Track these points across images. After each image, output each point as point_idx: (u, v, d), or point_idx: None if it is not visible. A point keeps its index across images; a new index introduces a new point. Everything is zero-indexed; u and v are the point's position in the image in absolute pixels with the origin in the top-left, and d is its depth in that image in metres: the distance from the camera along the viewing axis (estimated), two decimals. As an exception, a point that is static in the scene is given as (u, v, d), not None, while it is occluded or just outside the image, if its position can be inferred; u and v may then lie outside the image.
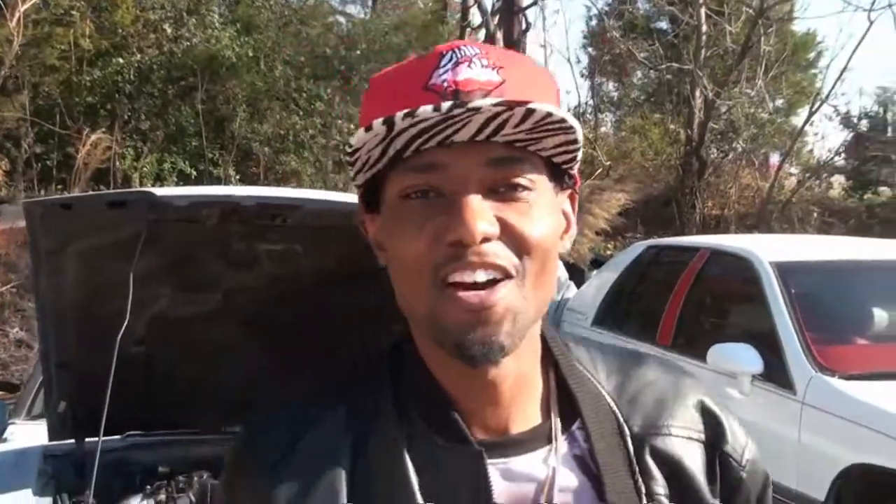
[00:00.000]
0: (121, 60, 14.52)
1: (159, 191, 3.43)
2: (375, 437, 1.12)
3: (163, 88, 14.69)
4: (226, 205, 3.49)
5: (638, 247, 7.60)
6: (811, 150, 19.40)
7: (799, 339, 5.13)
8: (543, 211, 1.08)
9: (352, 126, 15.17)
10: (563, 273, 8.43)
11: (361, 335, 3.88)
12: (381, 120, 1.01)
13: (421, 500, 1.07)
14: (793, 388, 4.99)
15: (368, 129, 1.02)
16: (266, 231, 3.61)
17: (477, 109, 1.00)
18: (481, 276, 1.04)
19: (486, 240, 1.03)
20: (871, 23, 14.78)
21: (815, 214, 15.26)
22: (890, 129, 19.27)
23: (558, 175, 1.13)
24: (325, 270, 3.65)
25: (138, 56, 14.74)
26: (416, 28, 18.24)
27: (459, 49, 1.08)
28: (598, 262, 10.26)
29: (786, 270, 5.57)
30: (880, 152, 18.06)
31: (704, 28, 15.21)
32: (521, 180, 1.07)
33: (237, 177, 14.23)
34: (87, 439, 3.99)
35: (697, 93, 15.16)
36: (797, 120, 19.81)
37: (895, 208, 15.70)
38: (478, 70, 1.06)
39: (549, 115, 1.02)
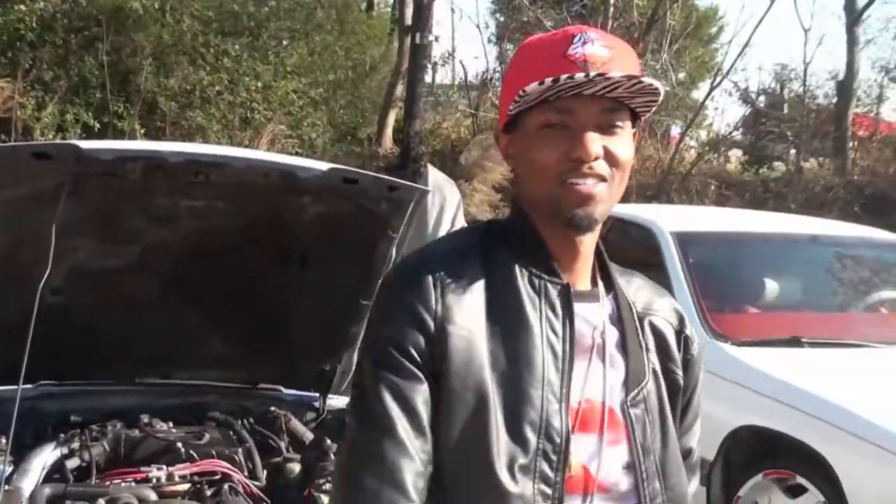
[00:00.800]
0: (23, 7, 14.21)
1: (84, 143, 3.46)
2: (502, 275, 1.60)
3: (66, 38, 14.44)
4: (151, 160, 3.54)
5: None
6: (711, 124, 19.89)
7: (695, 306, 5.34)
8: (627, 142, 1.61)
9: (259, 83, 15.10)
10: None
11: (274, 291, 4.01)
12: (551, 79, 1.50)
13: (530, 309, 1.58)
14: (688, 352, 5.21)
15: (541, 83, 1.50)
16: (189, 188, 3.66)
17: (608, 78, 1.51)
18: (591, 181, 1.57)
19: (595, 158, 1.56)
20: (773, 1, 15.19)
21: (713, 187, 15.68)
22: (786, 106, 19.80)
23: (635, 119, 1.63)
24: (243, 227, 3.73)
25: (41, 3, 14.43)
26: (325, -15, 18.14)
27: (585, 32, 1.58)
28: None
29: (685, 240, 5.78)
30: (776, 128, 18.61)
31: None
32: (618, 122, 1.58)
33: (142, 131, 14.08)
34: (0, 388, 4.03)
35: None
36: (699, 94, 20.28)
37: (788, 183, 16.21)
38: (598, 47, 1.56)
39: (646, 85, 1.53)
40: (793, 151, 18.59)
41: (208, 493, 3.82)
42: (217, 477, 3.84)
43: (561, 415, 1.55)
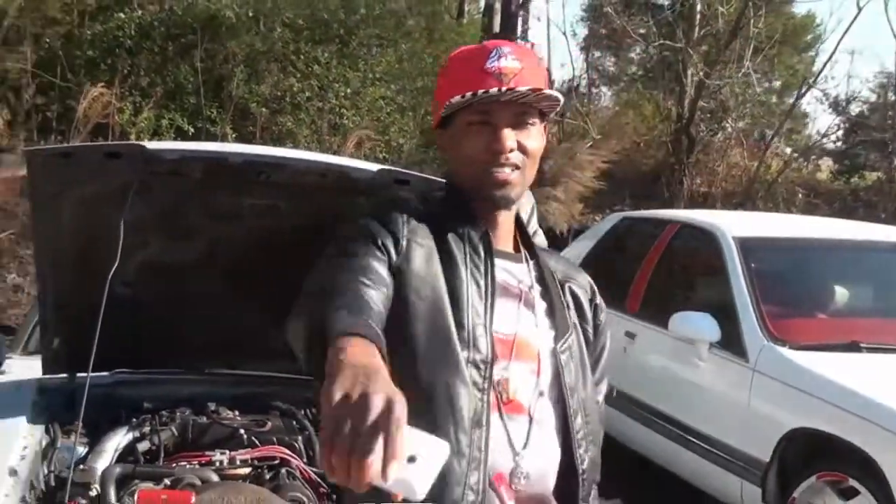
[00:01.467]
0: (122, 16, 14.67)
1: (151, 144, 3.68)
2: (440, 232, 1.95)
3: (163, 45, 14.84)
4: (212, 160, 3.74)
5: (613, 217, 7.88)
6: (806, 133, 19.61)
7: (754, 310, 5.42)
8: (536, 135, 1.97)
9: (348, 90, 15.36)
10: (542, 242, 8.69)
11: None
12: (471, 93, 1.87)
13: (458, 254, 1.92)
14: (745, 356, 5.28)
15: (463, 96, 1.87)
16: (250, 187, 3.86)
17: (517, 91, 1.88)
18: (507, 169, 1.93)
19: (511, 150, 1.92)
20: (860, 9, 14.99)
21: (801, 195, 15.52)
22: (885, 114, 19.41)
23: (544, 116, 1.99)
24: (302, 224, 3.91)
25: (139, 12, 14.89)
26: (415, -6, 18.37)
27: (500, 48, 1.94)
28: (579, 233, 10.52)
29: (748, 245, 5.85)
30: (870, 137, 18.32)
31: (699, 7, 15.42)
32: (529, 121, 1.95)
33: (234, 135, 14.43)
34: (78, 374, 4.28)
35: (690, 71, 15.38)
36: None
37: (879, 191, 15.96)
38: (510, 60, 1.92)
39: (547, 94, 1.90)
40: (888, 161, 18.23)
41: (267, 476, 4.02)
42: (276, 462, 4.04)
43: (486, 336, 1.88)
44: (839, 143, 19.07)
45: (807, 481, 4.78)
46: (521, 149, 1.93)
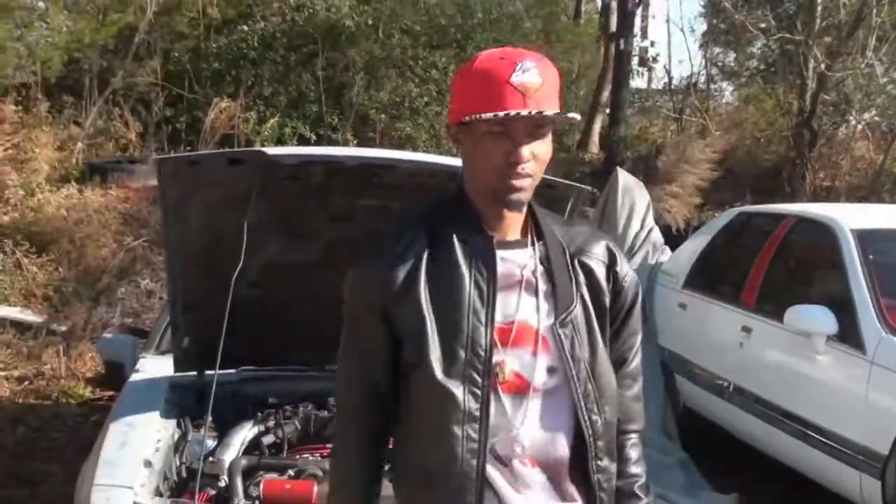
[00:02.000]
0: (245, 28, 15.09)
1: (271, 150, 3.89)
2: (441, 241, 2.15)
3: (285, 55, 15.22)
4: (329, 164, 3.93)
5: (730, 213, 7.85)
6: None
7: (872, 302, 5.37)
8: (548, 145, 2.13)
9: (466, 94, 15.51)
10: (658, 238, 8.72)
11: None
12: (494, 113, 2.02)
13: (462, 261, 2.12)
14: (863, 348, 5.24)
15: (488, 115, 2.02)
16: (364, 188, 4.04)
17: (540, 115, 2.05)
18: (521, 179, 2.08)
19: (527, 161, 2.08)
20: None
21: (929, 188, 15.12)
22: None
23: (554, 124, 2.14)
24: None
25: (262, 24, 15.30)
26: (531, -4, 18.45)
27: (524, 62, 2.05)
28: (697, 230, 10.48)
29: (866, 237, 5.80)
30: None
31: (819, -1, 15.18)
32: (544, 131, 2.11)
33: (355, 142, 14.72)
34: (206, 372, 4.51)
35: (811, 63, 15.12)
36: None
37: None
38: (533, 76, 2.05)
39: (569, 117, 2.12)
40: None
41: (386, 467, 4.18)
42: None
43: (485, 334, 2.09)
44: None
45: (927, 473, 4.74)
46: (536, 157, 2.10)
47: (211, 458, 4.04)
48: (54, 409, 7.81)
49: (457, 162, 4.29)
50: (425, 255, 2.14)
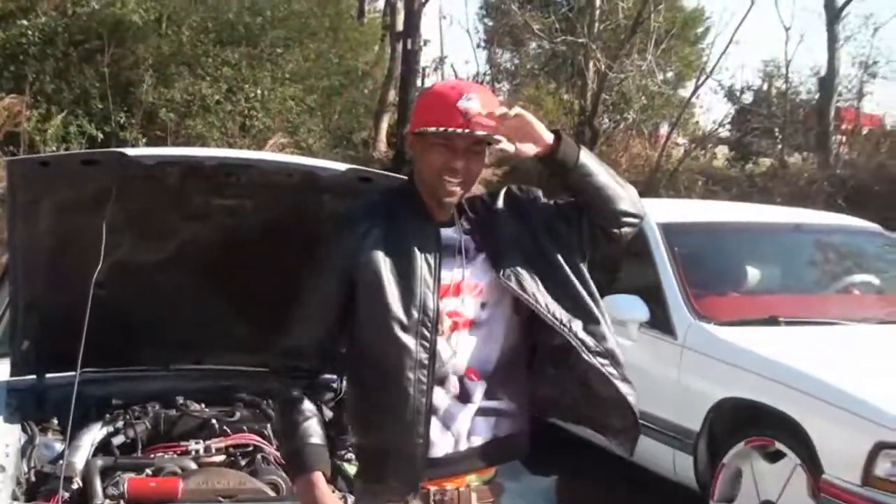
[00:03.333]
0: (25, 22, 14.58)
1: (130, 151, 3.87)
2: (398, 221, 2.58)
3: (66, 51, 14.80)
4: (187, 164, 3.94)
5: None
6: (697, 122, 20.15)
7: (680, 290, 5.73)
8: (481, 160, 2.59)
9: (258, 91, 15.46)
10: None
11: (297, 281, 4.40)
12: (441, 128, 2.48)
13: (413, 242, 2.54)
14: (674, 333, 5.60)
15: (437, 129, 2.49)
16: (221, 188, 4.06)
17: (476, 136, 2.49)
18: (454, 184, 2.54)
19: (460, 170, 2.52)
20: (753, 3, 15.60)
21: (700, 183, 16.06)
22: (773, 102, 20.10)
23: (487, 144, 2.56)
24: (268, 223, 4.12)
25: (43, 18, 14.80)
26: (317, -6, 18.49)
27: (470, 92, 2.51)
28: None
29: (671, 231, 6.16)
30: (761, 125, 19.02)
31: (598, 2, 15.87)
32: (477, 149, 2.56)
33: (144, 140, 14.45)
34: (47, 375, 4.43)
35: (591, 64, 15.82)
36: (685, 92, 20.61)
37: (772, 177, 16.60)
38: (476, 103, 2.49)
39: (497, 138, 2.51)
40: (778, 147, 18.96)
41: (242, 462, 4.22)
42: (250, 448, 4.25)
43: (433, 300, 2.53)
44: (732, 132, 19.72)
45: (735, 447, 5.08)
46: (466, 170, 2.55)
47: (61, 461, 3.99)
48: None
49: (313, 161, 4.40)
50: (385, 234, 2.56)
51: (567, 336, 2.61)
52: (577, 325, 2.63)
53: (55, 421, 4.23)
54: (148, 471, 3.97)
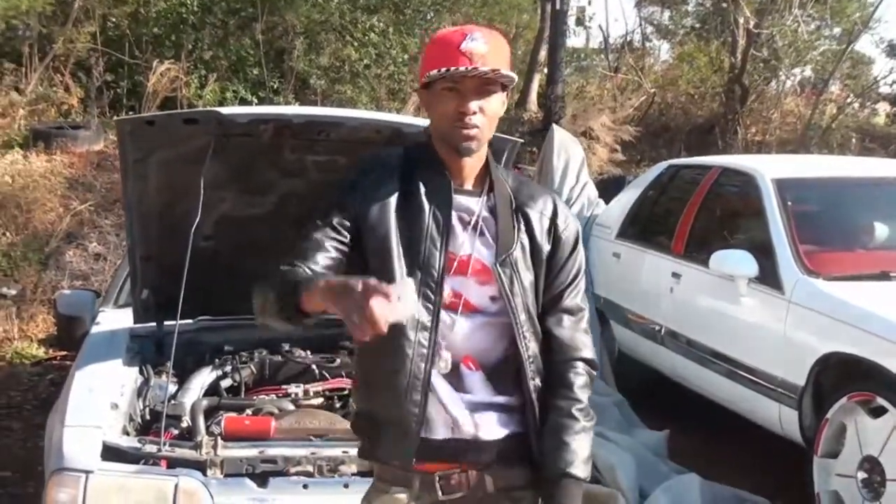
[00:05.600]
0: (184, -8, 15.15)
1: (224, 110, 4.13)
2: (411, 179, 2.52)
3: (224, 19, 15.30)
4: (279, 122, 4.18)
5: (660, 166, 8.17)
6: (874, 79, 19.40)
7: (790, 246, 5.71)
8: (496, 102, 2.49)
9: (405, 56, 15.72)
10: (593, 192, 9.03)
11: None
12: (444, 69, 2.38)
13: (425, 199, 2.49)
14: (782, 288, 5.59)
15: (439, 71, 2.39)
16: (313, 144, 4.30)
17: (481, 71, 2.39)
18: (469, 129, 2.44)
19: (473, 113, 2.43)
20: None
21: (854, 140, 15.61)
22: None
23: (504, 88, 2.50)
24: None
25: (200, -12, 15.36)
26: (468, -42, 18.61)
27: (473, 33, 2.43)
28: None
29: (784, 186, 6.13)
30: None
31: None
32: (491, 89, 2.46)
33: (296, 104, 14.86)
34: (165, 322, 4.76)
35: (741, 21, 15.52)
36: (860, 49, 19.93)
37: (935, 134, 16.01)
38: (480, 44, 2.41)
39: (504, 74, 2.42)
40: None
41: (338, 405, 4.48)
42: (346, 392, 4.49)
43: (439, 258, 2.46)
44: (895, 87, 19.02)
45: (839, 402, 5.05)
46: (482, 111, 2.45)
47: (173, 402, 4.31)
48: (9, 370, 7.99)
49: (399, 118, 4.59)
50: (397, 189, 2.51)
51: (523, 358, 2.52)
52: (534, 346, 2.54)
53: (168, 365, 4.55)
54: (248, 411, 4.26)
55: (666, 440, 6.20)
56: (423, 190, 2.50)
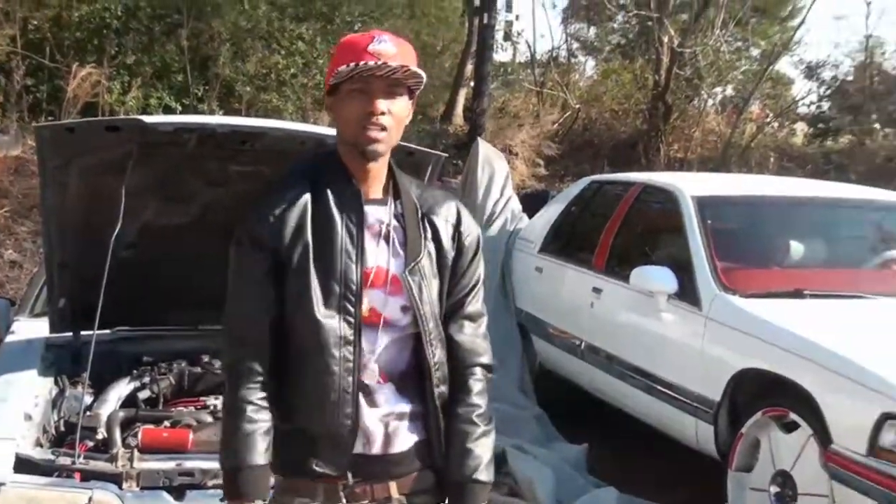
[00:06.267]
0: (108, -3, 14.98)
1: (147, 118, 4.10)
2: (321, 192, 2.46)
3: (149, 25, 15.15)
4: (203, 131, 4.15)
5: (583, 181, 8.24)
6: (795, 99, 19.79)
7: (708, 262, 5.80)
8: (403, 105, 2.47)
9: (332, 65, 15.68)
10: (516, 206, 9.09)
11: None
12: (353, 64, 2.35)
13: (335, 211, 2.45)
14: (699, 304, 5.68)
15: (347, 66, 2.36)
16: (237, 154, 4.28)
17: (390, 66, 2.37)
18: (377, 130, 2.41)
19: (381, 113, 2.40)
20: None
21: (773, 159, 15.92)
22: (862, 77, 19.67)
23: (412, 93, 2.50)
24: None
25: (125, -7, 15.20)
26: (394, -30, 18.65)
27: (381, 35, 2.41)
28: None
29: (704, 203, 6.22)
30: (847, 102, 18.75)
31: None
32: (398, 91, 2.45)
33: (221, 113, 14.75)
34: (82, 332, 4.70)
35: (665, 39, 15.76)
36: (780, 70, 20.32)
37: (850, 154, 16.38)
38: (388, 45, 2.40)
39: (413, 72, 2.41)
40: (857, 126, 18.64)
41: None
42: (265, 404, 4.46)
43: (355, 272, 2.45)
44: (812, 108, 19.47)
45: (753, 417, 5.14)
46: (390, 112, 2.43)
47: (88, 413, 4.25)
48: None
49: (323, 129, 4.58)
50: (309, 206, 2.46)
51: (429, 364, 2.53)
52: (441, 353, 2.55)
53: (85, 376, 4.48)
54: (166, 423, 4.22)
55: (585, 454, 6.25)
56: (332, 201, 2.47)
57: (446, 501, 2.58)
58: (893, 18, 46.72)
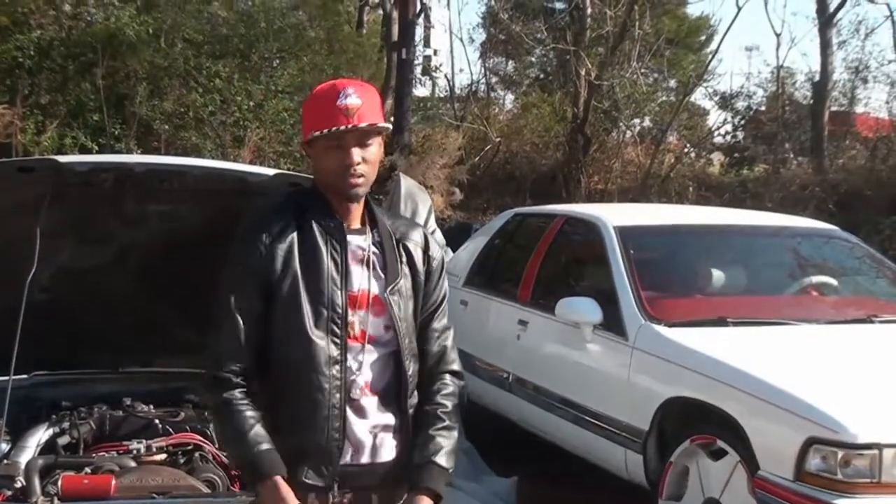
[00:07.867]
0: (20, 36, 14.75)
1: (62, 158, 4.00)
2: (307, 225, 2.68)
3: (63, 64, 14.97)
4: (120, 171, 4.06)
5: (506, 214, 8.26)
6: (710, 129, 20.13)
7: (633, 292, 5.83)
8: (376, 149, 2.70)
9: (251, 103, 15.61)
10: (440, 239, 9.09)
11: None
12: (326, 129, 2.61)
13: (321, 242, 2.67)
14: (625, 334, 5.70)
15: (321, 132, 2.62)
16: (155, 194, 4.19)
17: (357, 127, 2.61)
18: (356, 178, 2.64)
19: (357, 164, 2.63)
20: (739, 9, 15.70)
21: (691, 189, 16.16)
22: (775, 106, 20.07)
23: (380, 133, 2.71)
24: (205, 227, 4.24)
25: (38, 32, 14.98)
26: (314, 6, 18.67)
27: (346, 88, 2.64)
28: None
29: (627, 234, 6.26)
30: (761, 131, 19.13)
31: (589, 10, 16.01)
32: (368, 141, 2.67)
33: (139, 151, 14.59)
34: (-5, 378, 4.54)
35: (583, 72, 15.94)
36: (693, 100, 20.68)
37: (765, 183, 16.67)
38: (354, 99, 2.62)
39: (380, 127, 2.67)
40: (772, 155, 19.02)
41: (182, 461, 4.34)
42: (190, 447, 4.36)
43: (341, 296, 2.68)
44: (728, 138, 19.81)
45: (682, 446, 5.15)
46: (365, 160, 2.67)
47: (5, 461, 4.10)
48: None
49: (243, 167, 4.52)
50: (296, 237, 2.68)
51: (404, 373, 2.76)
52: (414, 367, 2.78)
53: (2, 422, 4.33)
54: (87, 469, 4.09)
55: (515, 487, 6.23)
56: (318, 234, 2.69)
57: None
58: (803, 48, 47.97)
